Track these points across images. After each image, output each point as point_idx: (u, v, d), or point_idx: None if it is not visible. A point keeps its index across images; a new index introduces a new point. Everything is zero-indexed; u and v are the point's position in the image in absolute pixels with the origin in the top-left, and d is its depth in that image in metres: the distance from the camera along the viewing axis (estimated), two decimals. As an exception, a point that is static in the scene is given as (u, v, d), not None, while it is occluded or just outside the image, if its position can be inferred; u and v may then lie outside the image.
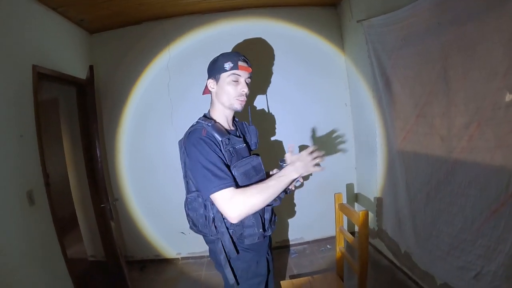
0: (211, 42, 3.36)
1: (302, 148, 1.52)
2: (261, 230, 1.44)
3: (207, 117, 1.52)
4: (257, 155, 1.52)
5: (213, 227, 1.41)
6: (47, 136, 2.67)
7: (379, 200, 3.06)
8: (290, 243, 3.68)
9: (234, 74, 1.42)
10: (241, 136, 1.59)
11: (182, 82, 3.39)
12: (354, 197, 3.68)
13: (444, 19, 1.86)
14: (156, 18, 3.34)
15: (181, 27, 3.39)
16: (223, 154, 1.35)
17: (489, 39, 1.58)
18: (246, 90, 1.45)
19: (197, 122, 1.48)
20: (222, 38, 3.35)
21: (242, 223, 1.41)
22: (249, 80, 1.48)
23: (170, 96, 3.42)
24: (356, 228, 3.28)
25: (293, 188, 1.55)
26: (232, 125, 1.59)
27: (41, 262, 2.22)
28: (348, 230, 2.05)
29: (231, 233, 1.41)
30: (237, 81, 1.44)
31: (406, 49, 2.31)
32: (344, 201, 3.04)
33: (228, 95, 1.44)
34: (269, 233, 1.52)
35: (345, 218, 2.10)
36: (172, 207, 3.45)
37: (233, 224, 1.37)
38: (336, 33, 3.55)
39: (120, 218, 3.53)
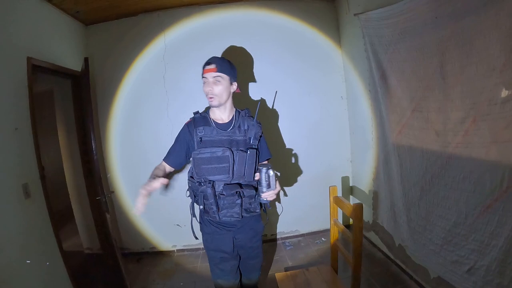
0: (207, 34, 3.34)
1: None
2: (202, 208, 1.73)
3: (206, 109, 1.88)
4: (246, 150, 1.71)
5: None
6: (42, 128, 2.66)
7: (374, 193, 3.08)
8: (285, 235, 3.71)
9: (203, 78, 1.70)
10: (237, 129, 1.77)
11: (178, 74, 3.37)
12: (349, 190, 3.70)
13: (441, 13, 1.85)
14: (153, 10, 3.31)
15: (177, 19, 3.35)
16: (195, 139, 1.71)
17: (487, 35, 1.57)
18: (209, 89, 1.68)
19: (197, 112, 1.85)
20: (219, 30, 3.34)
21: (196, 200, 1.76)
22: (219, 78, 1.67)
23: (166, 88, 3.40)
24: (351, 221, 3.31)
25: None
26: (232, 118, 1.81)
27: (38, 255, 2.22)
28: (343, 223, 2.07)
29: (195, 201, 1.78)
30: (207, 82, 1.69)
31: (403, 43, 2.30)
32: (339, 194, 3.06)
33: (205, 95, 1.73)
34: (225, 217, 1.70)
35: (340, 211, 2.12)
36: (167, 200, 3.45)
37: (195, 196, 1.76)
38: (333, 26, 3.54)
39: (115, 211, 3.53)
